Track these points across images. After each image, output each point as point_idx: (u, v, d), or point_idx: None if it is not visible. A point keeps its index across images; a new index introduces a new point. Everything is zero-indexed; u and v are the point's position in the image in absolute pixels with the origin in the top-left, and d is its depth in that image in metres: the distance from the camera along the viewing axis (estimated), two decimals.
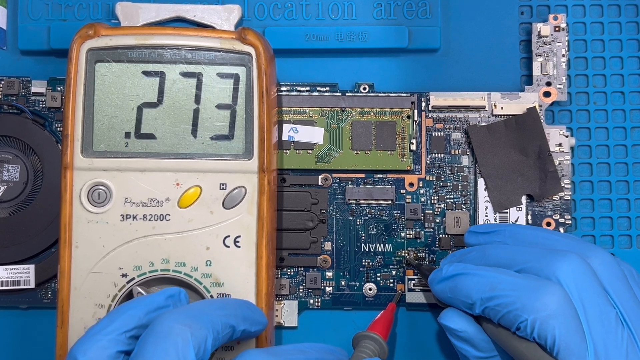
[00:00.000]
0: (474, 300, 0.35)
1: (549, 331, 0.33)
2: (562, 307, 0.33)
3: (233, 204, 0.39)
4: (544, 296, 0.33)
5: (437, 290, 0.38)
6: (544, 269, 0.34)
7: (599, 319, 0.33)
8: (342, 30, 0.44)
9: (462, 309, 0.37)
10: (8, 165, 0.43)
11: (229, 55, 0.39)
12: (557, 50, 0.44)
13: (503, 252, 0.37)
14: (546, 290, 0.33)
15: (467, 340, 0.37)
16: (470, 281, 0.36)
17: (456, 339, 0.37)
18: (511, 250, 0.37)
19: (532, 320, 0.33)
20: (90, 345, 0.32)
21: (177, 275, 0.39)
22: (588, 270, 0.34)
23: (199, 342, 0.32)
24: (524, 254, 0.36)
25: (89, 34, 0.39)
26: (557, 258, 0.35)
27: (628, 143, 0.45)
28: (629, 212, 0.45)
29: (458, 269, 0.37)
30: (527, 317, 0.33)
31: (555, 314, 0.33)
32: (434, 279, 0.38)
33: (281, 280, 0.44)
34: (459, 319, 0.37)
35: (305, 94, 0.44)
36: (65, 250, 0.38)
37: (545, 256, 0.35)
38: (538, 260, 0.35)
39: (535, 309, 0.33)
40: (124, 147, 0.39)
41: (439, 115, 0.44)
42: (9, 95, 0.44)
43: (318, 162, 0.44)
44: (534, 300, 0.33)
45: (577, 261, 0.34)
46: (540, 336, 0.33)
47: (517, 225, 0.39)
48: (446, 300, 0.38)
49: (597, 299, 0.34)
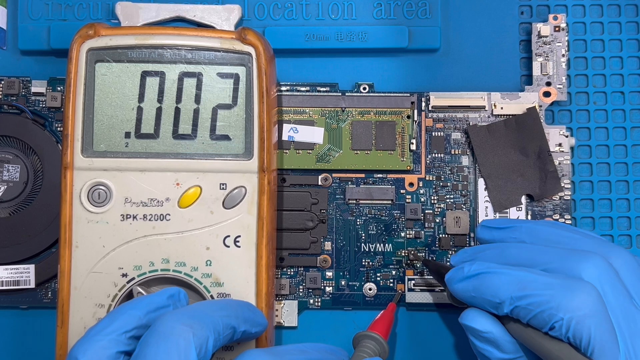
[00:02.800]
0: (502, 300, 0.34)
1: (585, 331, 0.32)
2: (597, 307, 0.32)
3: (233, 203, 0.39)
4: (579, 295, 0.32)
5: (458, 289, 0.36)
6: (567, 271, 0.34)
7: (626, 321, 0.33)
8: (342, 30, 0.44)
9: (486, 308, 0.36)
10: (8, 165, 0.43)
11: (229, 55, 0.39)
12: (557, 50, 0.44)
13: (523, 251, 0.36)
14: (582, 289, 0.33)
15: (491, 342, 0.36)
16: (498, 280, 0.35)
17: (480, 340, 0.36)
18: (532, 250, 0.36)
19: (567, 319, 0.32)
20: (90, 345, 0.32)
21: (177, 275, 0.39)
22: (612, 271, 0.34)
23: (200, 343, 0.32)
24: (546, 254, 0.35)
25: (89, 34, 0.39)
26: (581, 260, 0.34)
27: (628, 143, 0.45)
28: (628, 212, 0.45)
29: (482, 268, 0.36)
30: (562, 316, 0.32)
31: (592, 313, 0.32)
32: (454, 277, 0.37)
33: (281, 280, 0.44)
34: (483, 319, 0.36)
35: (305, 94, 0.44)
36: (65, 250, 0.38)
37: (569, 257, 0.34)
38: (561, 262, 0.34)
39: (571, 308, 0.32)
40: (124, 147, 0.39)
41: (439, 115, 0.44)
42: (9, 95, 0.44)
43: (318, 162, 0.44)
44: (569, 300, 0.32)
45: (601, 263, 0.34)
46: (575, 336, 0.32)
47: (534, 222, 0.38)
48: (468, 299, 0.36)
49: (622, 300, 0.33)
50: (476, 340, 0.36)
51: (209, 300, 0.38)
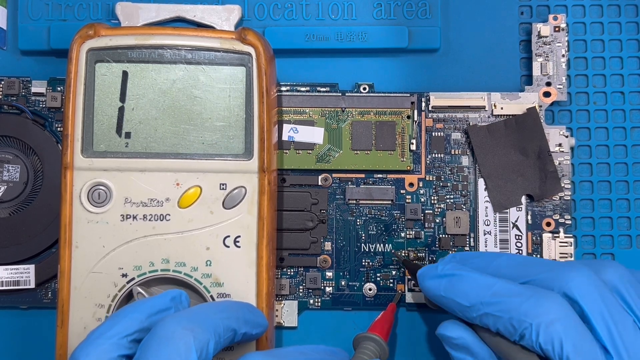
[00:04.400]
0: (471, 304, 0.35)
1: (555, 335, 0.32)
2: (566, 312, 0.32)
3: (233, 204, 0.39)
4: (547, 302, 0.33)
5: (428, 287, 0.37)
6: (555, 280, 0.34)
7: (616, 327, 0.32)
8: (342, 30, 0.44)
9: (454, 311, 0.36)
10: (8, 165, 0.43)
11: (229, 55, 0.39)
12: (557, 51, 0.44)
13: (512, 262, 0.36)
14: (549, 297, 0.33)
15: (465, 348, 0.36)
16: (469, 283, 0.35)
17: (454, 348, 0.36)
18: (521, 261, 0.36)
19: (536, 324, 0.32)
20: (92, 349, 0.32)
21: (177, 275, 0.39)
22: (599, 281, 0.34)
23: (201, 347, 0.32)
24: (535, 265, 0.35)
25: (89, 34, 0.39)
26: (568, 270, 0.34)
27: (628, 143, 0.45)
28: (628, 212, 0.45)
29: (455, 269, 0.36)
30: (530, 322, 0.32)
31: (560, 317, 0.32)
32: (426, 274, 0.37)
33: (281, 281, 0.44)
34: (455, 326, 0.36)
35: (305, 94, 0.44)
36: (65, 250, 0.38)
37: (557, 268, 0.34)
38: (549, 272, 0.34)
39: (539, 313, 0.32)
40: (124, 147, 0.39)
41: (439, 115, 0.44)
42: (9, 95, 0.44)
43: (318, 162, 0.44)
44: (537, 306, 0.33)
45: (588, 272, 0.34)
46: (545, 341, 0.32)
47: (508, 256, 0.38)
48: (437, 298, 0.37)
49: (612, 307, 0.33)
50: (452, 350, 0.37)
51: (209, 303, 0.38)
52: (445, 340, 0.37)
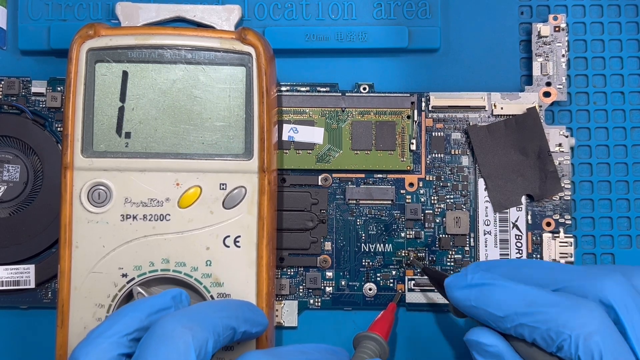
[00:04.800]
0: (506, 314, 0.33)
1: (594, 347, 0.31)
2: (605, 323, 0.32)
3: (233, 204, 0.39)
4: (586, 313, 0.32)
5: (457, 297, 0.35)
6: (588, 288, 0.33)
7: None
8: (342, 30, 0.44)
9: (486, 321, 0.34)
10: (8, 165, 0.43)
11: (229, 55, 0.39)
12: (557, 51, 0.44)
13: (541, 269, 0.35)
14: (587, 307, 0.32)
15: (497, 356, 0.34)
16: (502, 293, 0.34)
17: (484, 355, 0.34)
18: (551, 267, 0.35)
19: (575, 336, 0.31)
20: (91, 348, 0.32)
21: (177, 275, 0.39)
22: (632, 287, 0.33)
23: (200, 345, 0.32)
24: (565, 272, 0.34)
25: (89, 34, 0.39)
26: (602, 276, 0.33)
27: (628, 143, 0.45)
28: (628, 212, 0.45)
29: (486, 278, 0.34)
30: (570, 334, 0.31)
31: (599, 330, 0.31)
32: (455, 284, 0.35)
33: (281, 280, 0.44)
34: (488, 333, 0.34)
35: (305, 94, 0.44)
36: (65, 250, 0.38)
37: (589, 274, 0.33)
38: (581, 279, 0.33)
39: (579, 325, 0.31)
40: (124, 147, 0.39)
41: (439, 115, 0.44)
42: (9, 95, 0.44)
43: (318, 162, 0.44)
44: (576, 317, 0.31)
45: (622, 279, 0.33)
46: (585, 353, 0.31)
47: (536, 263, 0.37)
48: (467, 309, 0.35)
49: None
50: (480, 357, 0.35)
51: (209, 301, 0.38)
52: (474, 346, 0.35)
